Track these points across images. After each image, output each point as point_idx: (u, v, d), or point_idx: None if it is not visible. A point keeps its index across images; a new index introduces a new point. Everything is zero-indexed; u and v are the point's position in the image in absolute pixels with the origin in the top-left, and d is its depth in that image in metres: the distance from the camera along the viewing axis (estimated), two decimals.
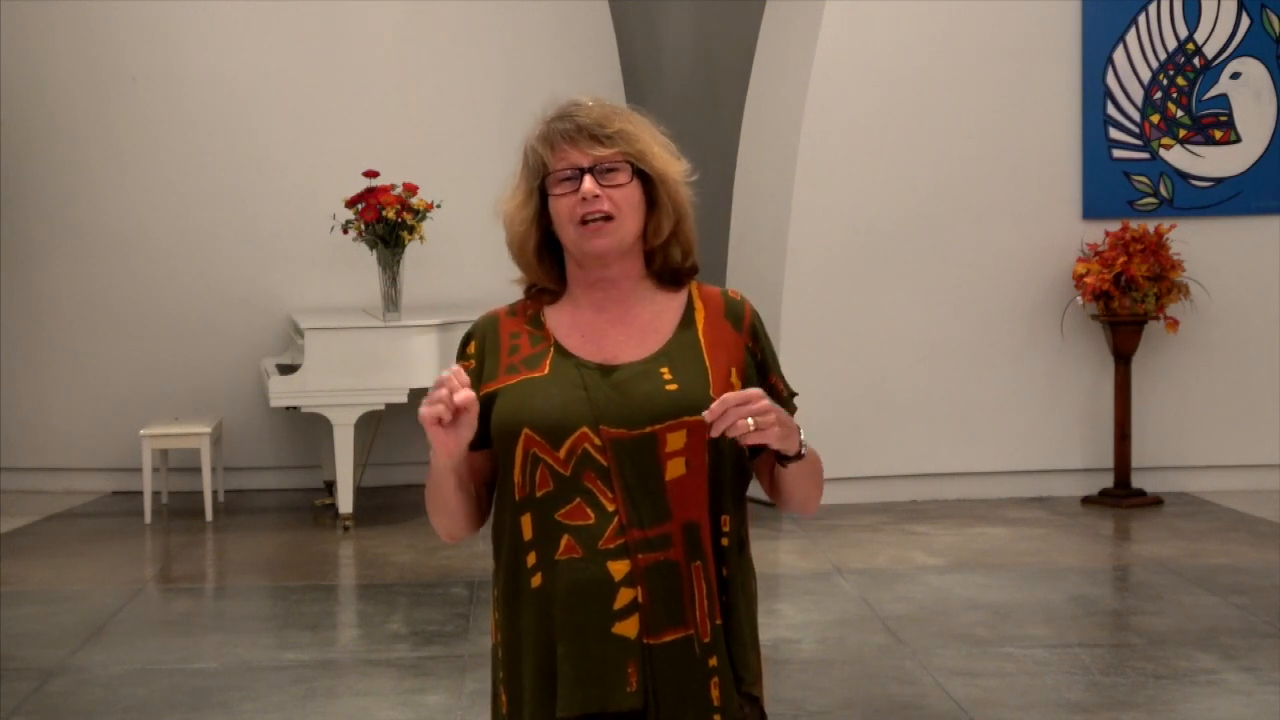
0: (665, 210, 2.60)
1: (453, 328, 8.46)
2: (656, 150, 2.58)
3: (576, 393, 2.49)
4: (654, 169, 2.57)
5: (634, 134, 2.58)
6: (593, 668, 2.44)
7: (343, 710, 5.47)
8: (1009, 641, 6.12)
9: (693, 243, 2.65)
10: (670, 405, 2.47)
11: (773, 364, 2.60)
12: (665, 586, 2.46)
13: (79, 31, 9.47)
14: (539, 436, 2.47)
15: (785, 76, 9.03)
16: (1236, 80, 8.98)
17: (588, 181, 2.55)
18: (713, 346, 2.56)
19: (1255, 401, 9.04)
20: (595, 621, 2.44)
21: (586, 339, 2.57)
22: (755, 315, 2.62)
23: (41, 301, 9.59)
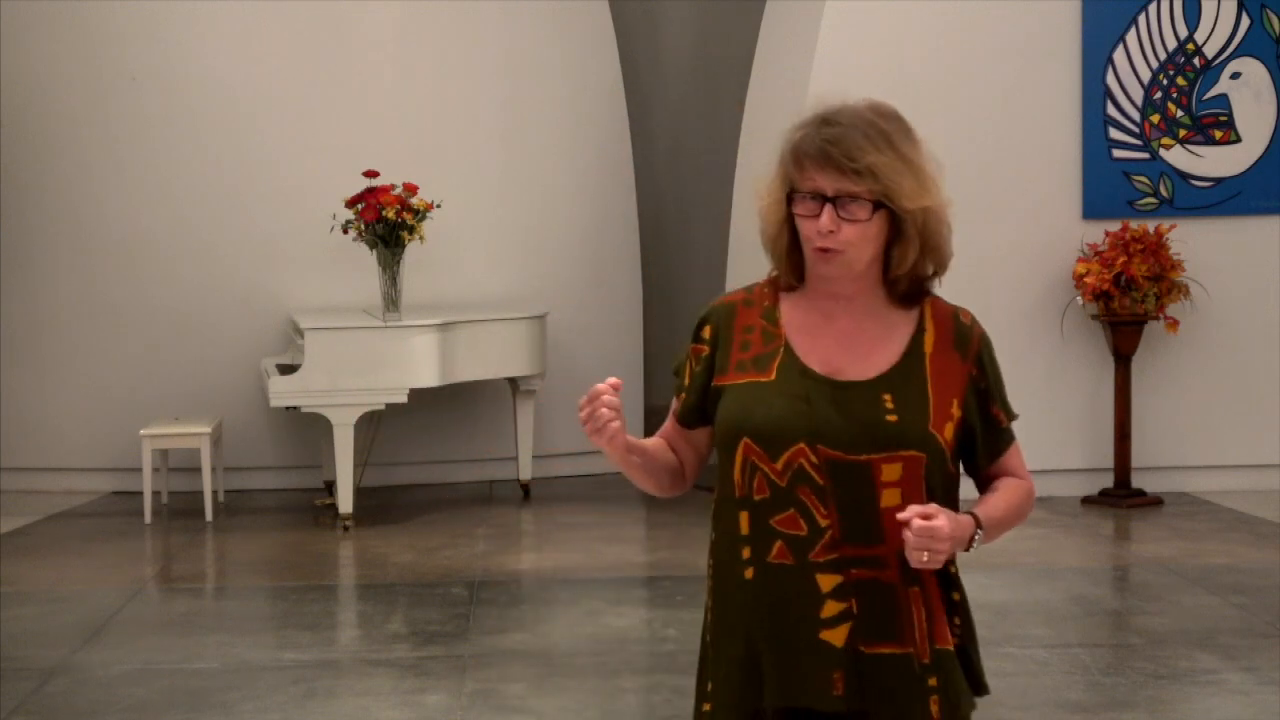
0: (911, 243, 2.55)
1: (453, 328, 8.46)
2: (908, 186, 2.52)
3: (799, 405, 2.53)
4: (901, 207, 2.52)
5: (885, 168, 2.52)
6: (797, 670, 2.53)
7: (343, 710, 5.47)
8: (1009, 641, 6.12)
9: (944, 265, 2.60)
10: (889, 437, 2.50)
11: (995, 392, 2.61)
12: (879, 604, 2.52)
13: (79, 31, 9.46)
14: (758, 446, 2.53)
15: (785, 76, 9.03)
16: (1236, 80, 8.98)
17: (826, 215, 2.53)
18: (938, 375, 2.57)
19: (1255, 401, 9.04)
20: (803, 629, 2.52)
21: (816, 344, 2.58)
22: (984, 341, 2.63)
23: (41, 301, 9.59)
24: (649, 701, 5.51)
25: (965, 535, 2.50)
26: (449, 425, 9.67)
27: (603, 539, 8.15)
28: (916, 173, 2.54)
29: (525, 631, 6.44)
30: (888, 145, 2.55)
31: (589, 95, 9.98)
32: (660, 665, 5.91)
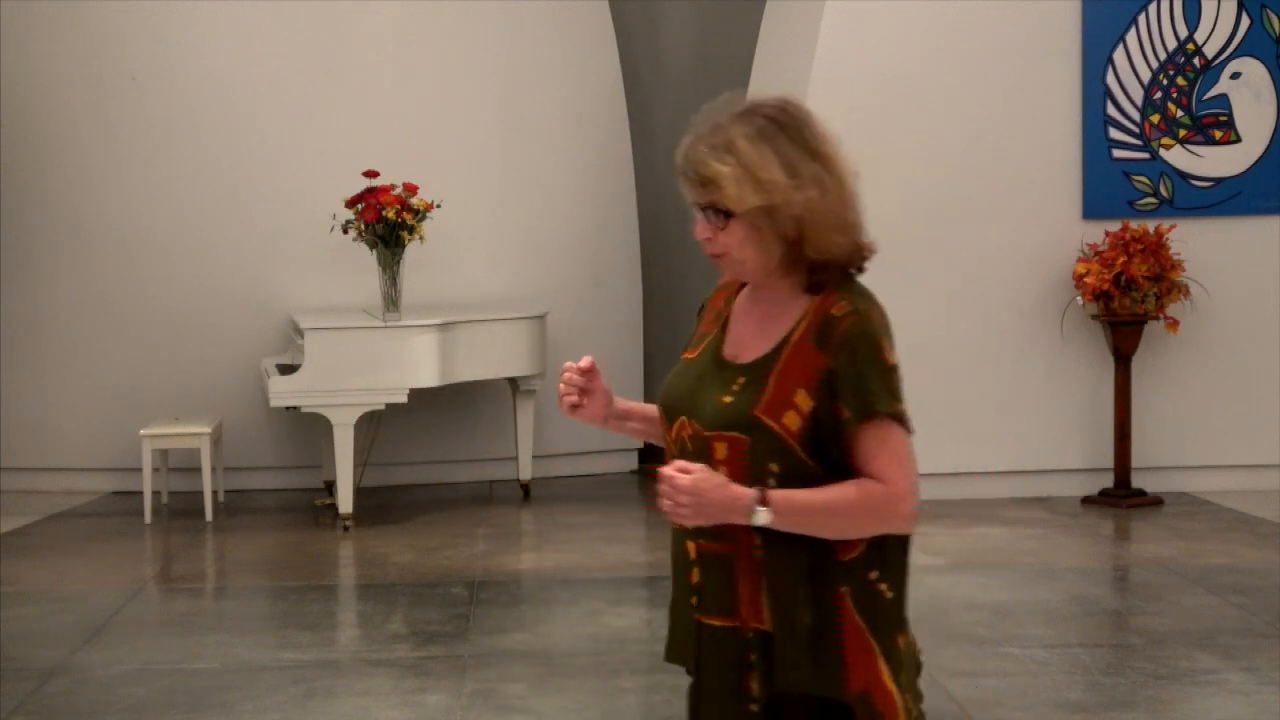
0: (767, 240, 2.57)
1: (453, 328, 8.47)
2: (732, 191, 2.54)
3: (692, 383, 2.67)
4: (747, 210, 2.55)
5: (720, 177, 2.54)
6: (677, 632, 2.70)
7: (343, 710, 5.47)
8: (1009, 641, 6.12)
9: (829, 247, 2.60)
10: (719, 417, 2.58)
11: (845, 388, 2.52)
12: (718, 576, 2.60)
13: (79, 31, 9.46)
14: (664, 418, 2.73)
15: (785, 76, 9.03)
16: (1236, 80, 8.98)
17: (698, 226, 2.63)
18: (789, 364, 2.56)
19: (1255, 401, 9.04)
20: (681, 591, 2.68)
21: (739, 329, 2.69)
22: (849, 336, 2.55)
23: (41, 301, 9.59)
24: (649, 701, 5.51)
25: (735, 505, 2.49)
26: (449, 425, 9.67)
27: (603, 539, 8.16)
28: (751, 173, 2.54)
29: (525, 631, 6.44)
30: (726, 151, 2.56)
31: (589, 95, 9.98)
32: (660, 665, 5.88)
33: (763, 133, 2.57)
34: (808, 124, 2.61)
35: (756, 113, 2.60)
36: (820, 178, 2.56)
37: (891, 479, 2.51)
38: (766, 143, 2.56)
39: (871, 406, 2.51)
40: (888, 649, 2.57)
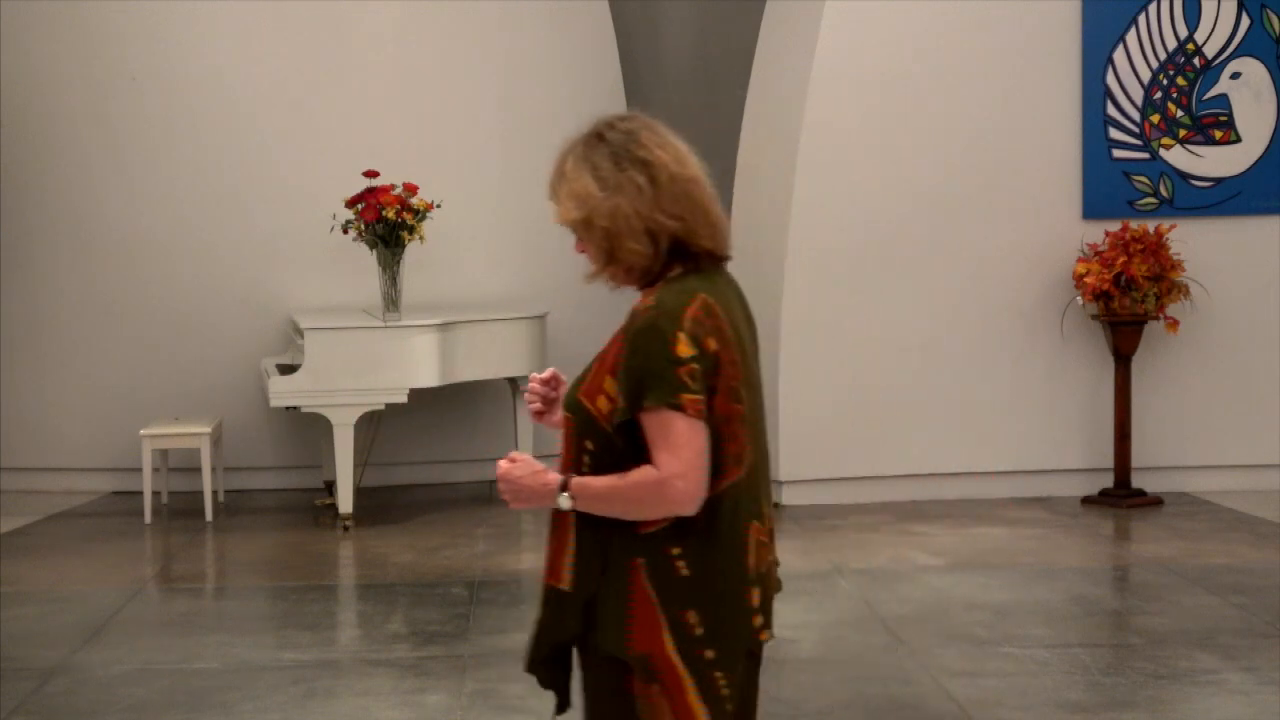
0: (591, 250, 2.81)
1: (453, 328, 8.47)
2: (571, 207, 2.76)
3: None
4: (571, 223, 2.80)
5: (557, 198, 2.79)
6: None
7: (343, 710, 5.47)
8: (1009, 641, 6.12)
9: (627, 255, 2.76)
10: (565, 400, 2.85)
11: (623, 377, 2.70)
12: (550, 539, 2.82)
13: (79, 31, 9.46)
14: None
15: (785, 76, 9.03)
16: (1236, 80, 8.98)
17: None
18: (605, 353, 2.78)
19: (1255, 401, 9.04)
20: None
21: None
22: (638, 329, 2.70)
23: (41, 301, 9.59)
24: None
25: (545, 490, 2.76)
26: (449, 425, 9.67)
27: None
28: (568, 191, 2.76)
29: (525, 631, 6.39)
30: (559, 173, 2.79)
31: (589, 95, 9.97)
32: None
33: (587, 150, 2.75)
34: (636, 136, 2.75)
35: (590, 132, 2.78)
36: (634, 184, 2.71)
37: (663, 465, 2.65)
38: (587, 159, 2.74)
39: (643, 398, 2.66)
40: (674, 621, 2.70)
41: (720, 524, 2.71)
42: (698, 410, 2.65)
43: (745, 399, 2.75)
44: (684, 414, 2.64)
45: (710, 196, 2.80)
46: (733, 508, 2.73)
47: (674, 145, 2.80)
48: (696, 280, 2.74)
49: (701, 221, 2.76)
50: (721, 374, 2.70)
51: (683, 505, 2.66)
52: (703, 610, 2.70)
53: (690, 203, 2.75)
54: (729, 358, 2.72)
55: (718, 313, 2.72)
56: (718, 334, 2.70)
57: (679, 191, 2.74)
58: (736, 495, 2.73)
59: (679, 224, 2.74)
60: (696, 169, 2.81)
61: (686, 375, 2.65)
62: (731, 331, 2.74)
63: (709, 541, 2.70)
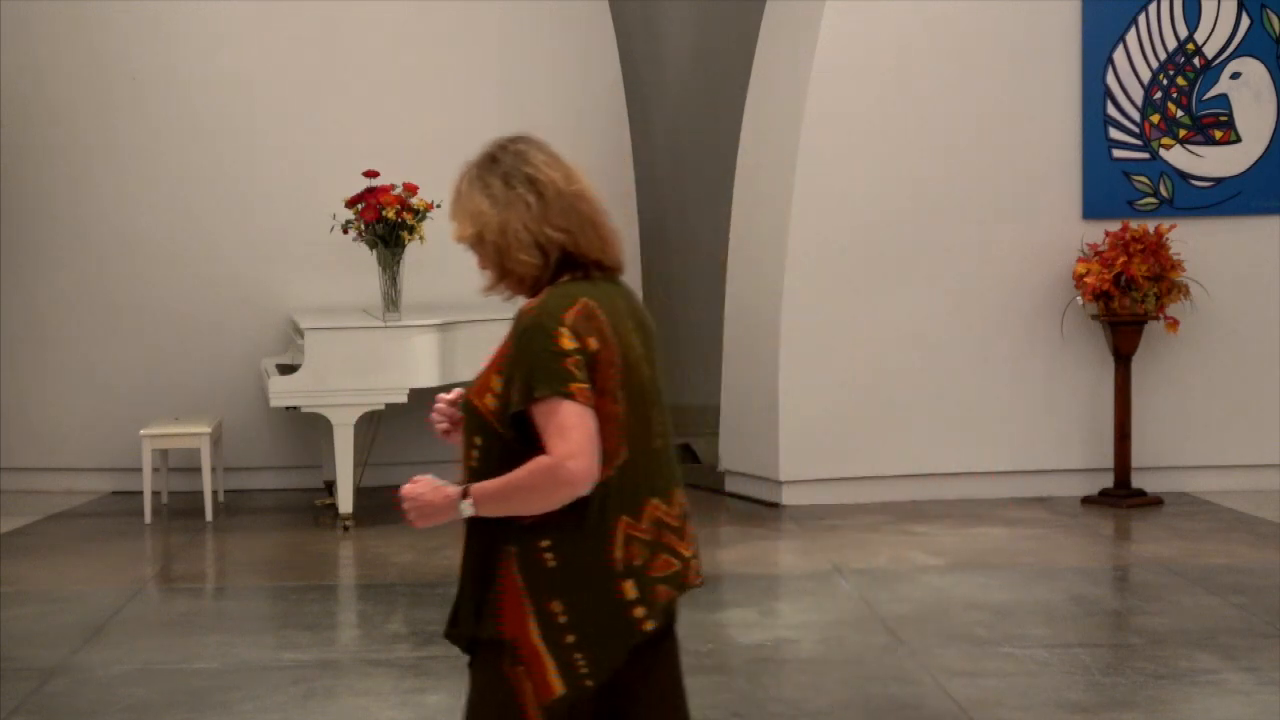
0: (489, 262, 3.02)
1: (453, 328, 8.46)
2: (465, 224, 2.99)
3: None
4: (465, 239, 3.01)
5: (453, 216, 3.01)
6: None
7: (343, 710, 5.47)
8: (1009, 641, 6.12)
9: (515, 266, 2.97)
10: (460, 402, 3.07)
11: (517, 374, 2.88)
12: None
13: (79, 31, 9.46)
14: None
15: (785, 76, 9.03)
16: (1236, 80, 8.98)
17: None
18: (494, 355, 2.97)
19: (1255, 401, 9.04)
20: None
21: None
22: (523, 327, 2.90)
23: (42, 301, 9.59)
24: None
25: (447, 503, 2.98)
26: None
27: None
28: (463, 209, 2.99)
29: None
30: (457, 193, 3.02)
31: (589, 95, 9.97)
32: None
33: (480, 171, 2.98)
34: (526, 156, 2.97)
35: (485, 154, 3.02)
36: (523, 200, 2.92)
37: (554, 450, 2.81)
38: (480, 179, 2.97)
39: (533, 390, 2.84)
40: (540, 610, 2.88)
41: (587, 519, 2.87)
42: (586, 398, 2.82)
43: (623, 401, 2.89)
44: (574, 401, 2.82)
45: (598, 210, 2.97)
46: (600, 504, 2.87)
47: (562, 164, 2.99)
48: (581, 286, 2.92)
49: (589, 234, 2.95)
50: (599, 373, 2.86)
51: (577, 484, 2.82)
52: (567, 600, 2.87)
53: (577, 216, 2.94)
54: (607, 358, 2.87)
55: (599, 315, 2.88)
56: (598, 335, 2.87)
57: (565, 206, 2.93)
58: (605, 492, 2.87)
59: (566, 236, 2.92)
60: (584, 185, 2.98)
61: (573, 366, 2.83)
62: (613, 335, 2.89)
63: (575, 535, 2.87)
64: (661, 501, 2.95)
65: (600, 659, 2.88)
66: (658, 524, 2.94)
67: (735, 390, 9.25)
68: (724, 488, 9.30)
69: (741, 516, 8.74)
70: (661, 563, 2.94)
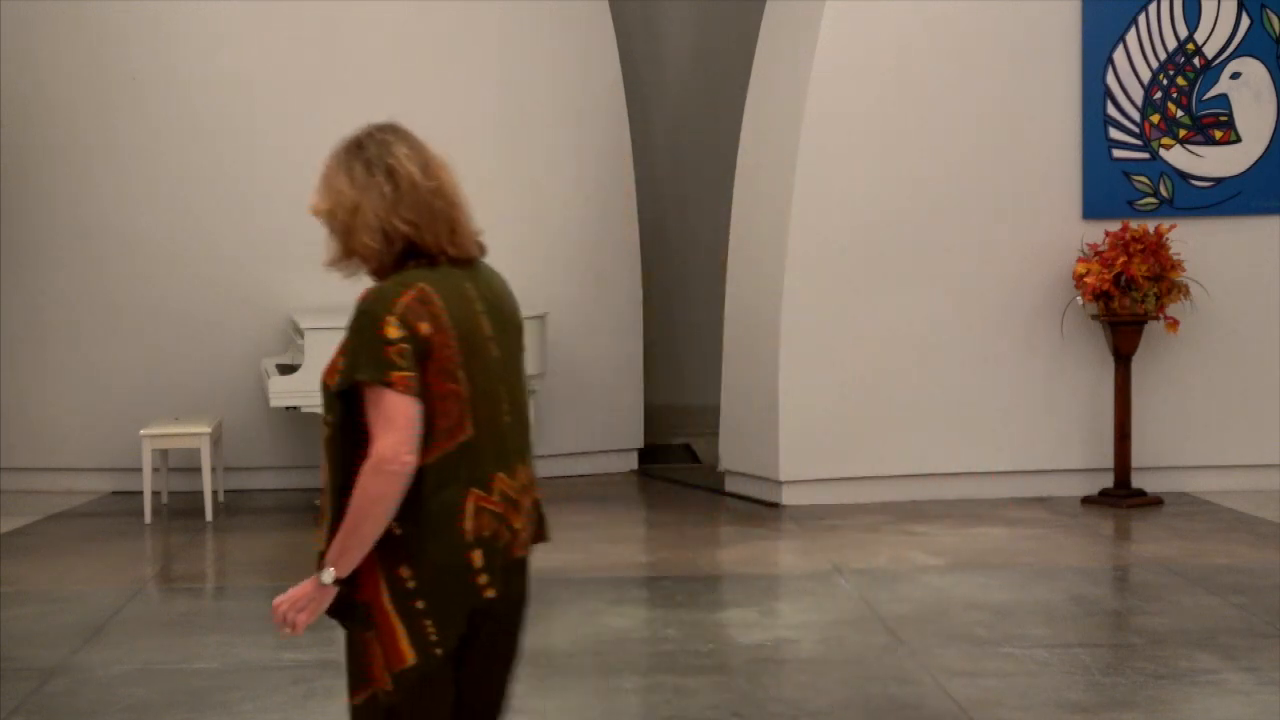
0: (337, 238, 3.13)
1: None
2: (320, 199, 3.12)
3: None
4: (318, 213, 3.13)
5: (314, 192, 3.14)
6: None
7: (343, 710, 5.45)
8: (1009, 641, 6.12)
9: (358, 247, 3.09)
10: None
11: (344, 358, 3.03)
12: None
13: (80, 31, 9.46)
14: None
15: (785, 76, 9.03)
16: (1236, 80, 8.98)
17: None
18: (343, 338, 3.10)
19: (1255, 401, 9.04)
20: None
21: None
22: (356, 313, 3.05)
23: (42, 301, 9.59)
24: (649, 701, 5.51)
25: (310, 587, 3.11)
26: None
27: (603, 539, 8.15)
28: (325, 184, 3.11)
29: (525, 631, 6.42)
30: (323, 168, 3.14)
31: (589, 95, 9.97)
32: (660, 665, 5.91)
33: (347, 154, 3.12)
34: (390, 147, 3.11)
35: (354, 138, 3.15)
36: (379, 188, 3.06)
37: (376, 437, 2.95)
38: (345, 161, 3.10)
39: (354, 374, 2.98)
40: (390, 577, 3.02)
41: (429, 490, 2.99)
42: (406, 385, 2.95)
43: (465, 380, 3.01)
44: (393, 389, 2.95)
45: (452, 205, 3.14)
46: (444, 476, 2.99)
47: (425, 159, 3.14)
48: (421, 273, 3.05)
49: (437, 227, 3.09)
50: (434, 355, 2.98)
51: (403, 469, 2.95)
52: (415, 566, 3.00)
53: (428, 210, 3.08)
54: (442, 340, 2.99)
55: (434, 301, 3.00)
56: (431, 319, 2.98)
57: (418, 199, 3.07)
58: (449, 465, 3.00)
59: (412, 228, 3.06)
60: (442, 181, 3.14)
61: (395, 354, 2.96)
62: (450, 319, 3.01)
63: (420, 506, 2.98)
64: (506, 475, 3.08)
65: (447, 625, 3.03)
66: (505, 499, 3.07)
67: (735, 390, 9.25)
68: (724, 488, 9.30)
69: (741, 516, 8.74)
70: (500, 534, 3.07)
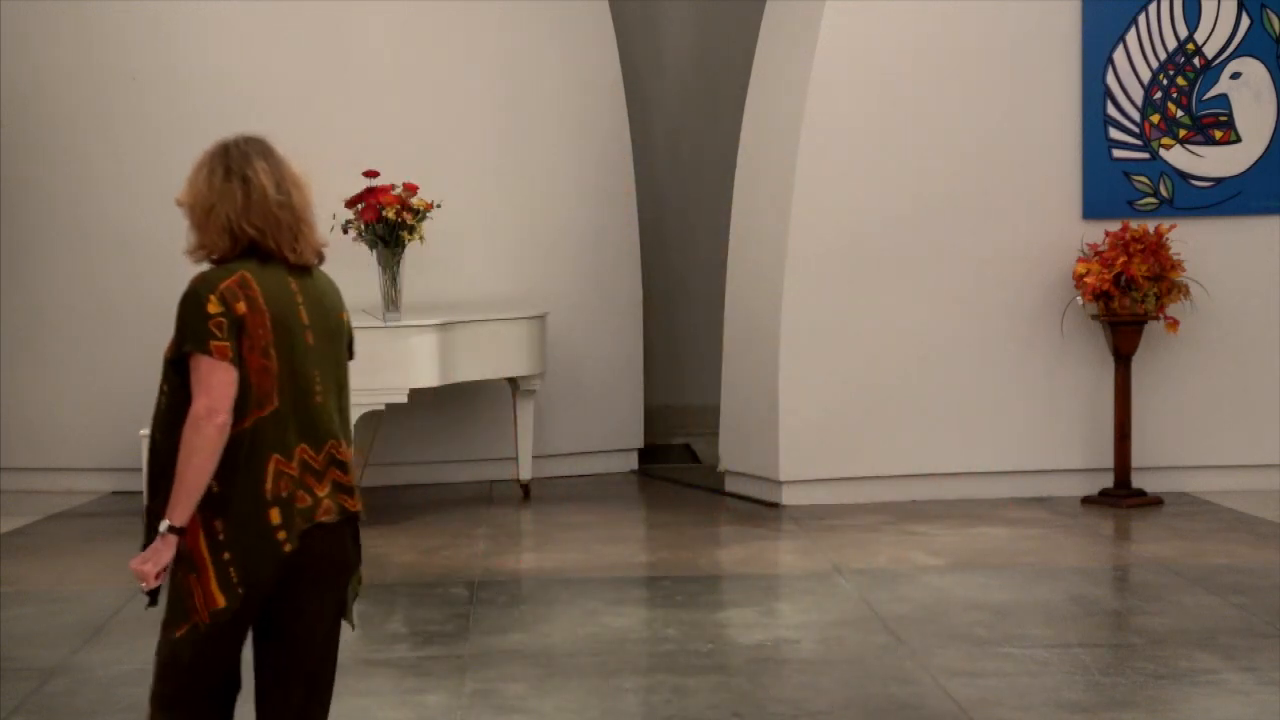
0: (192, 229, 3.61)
1: (453, 328, 8.47)
2: (183, 192, 3.59)
3: None
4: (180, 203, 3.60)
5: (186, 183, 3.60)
6: None
7: (343, 710, 5.45)
8: (1009, 641, 6.12)
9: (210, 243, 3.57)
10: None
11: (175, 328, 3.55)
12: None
13: (80, 30, 9.46)
14: None
15: (785, 76, 9.03)
16: (1236, 80, 8.98)
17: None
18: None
19: (1255, 401, 9.04)
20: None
21: None
22: (186, 293, 3.53)
23: (42, 301, 9.59)
24: (649, 701, 5.51)
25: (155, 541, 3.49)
26: (449, 425, 9.66)
27: (602, 539, 8.16)
28: (191, 181, 3.57)
29: (525, 631, 6.44)
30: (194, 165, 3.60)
31: (589, 95, 9.97)
32: (660, 665, 5.92)
33: (214, 157, 3.57)
34: (250, 159, 3.57)
35: (224, 143, 3.61)
36: (232, 194, 3.52)
37: (196, 397, 3.46)
38: (208, 163, 3.56)
39: (182, 345, 3.50)
40: (208, 529, 3.47)
41: (241, 454, 3.45)
42: (223, 353, 3.44)
43: (275, 359, 3.49)
44: (211, 356, 3.45)
45: (298, 218, 3.60)
46: (253, 442, 3.47)
47: (280, 175, 3.59)
48: (248, 264, 3.53)
49: (281, 235, 3.56)
50: (248, 333, 3.46)
51: (220, 426, 3.43)
52: (226, 520, 3.46)
53: (274, 220, 3.54)
54: (256, 321, 3.47)
55: (253, 286, 3.49)
56: (248, 301, 3.47)
57: (265, 210, 3.53)
58: (258, 432, 3.47)
59: (257, 233, 3.53)
60: (291, 196, 3.59)
61: (215, 327, 3.45)
62: (265, 303, 3.49)
63: (233, 468, 3.45)
64: (310, 447, 3.55)
65: (251, 572, 3.47)
66: (304, 465, 3.53)
67: (735, 390, 9.25)
68: (724, 488, 9.30)
69: (741, 516, 8.74)
70: (300, 497, 3.51)
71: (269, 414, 3.49)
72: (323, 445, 3.60)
